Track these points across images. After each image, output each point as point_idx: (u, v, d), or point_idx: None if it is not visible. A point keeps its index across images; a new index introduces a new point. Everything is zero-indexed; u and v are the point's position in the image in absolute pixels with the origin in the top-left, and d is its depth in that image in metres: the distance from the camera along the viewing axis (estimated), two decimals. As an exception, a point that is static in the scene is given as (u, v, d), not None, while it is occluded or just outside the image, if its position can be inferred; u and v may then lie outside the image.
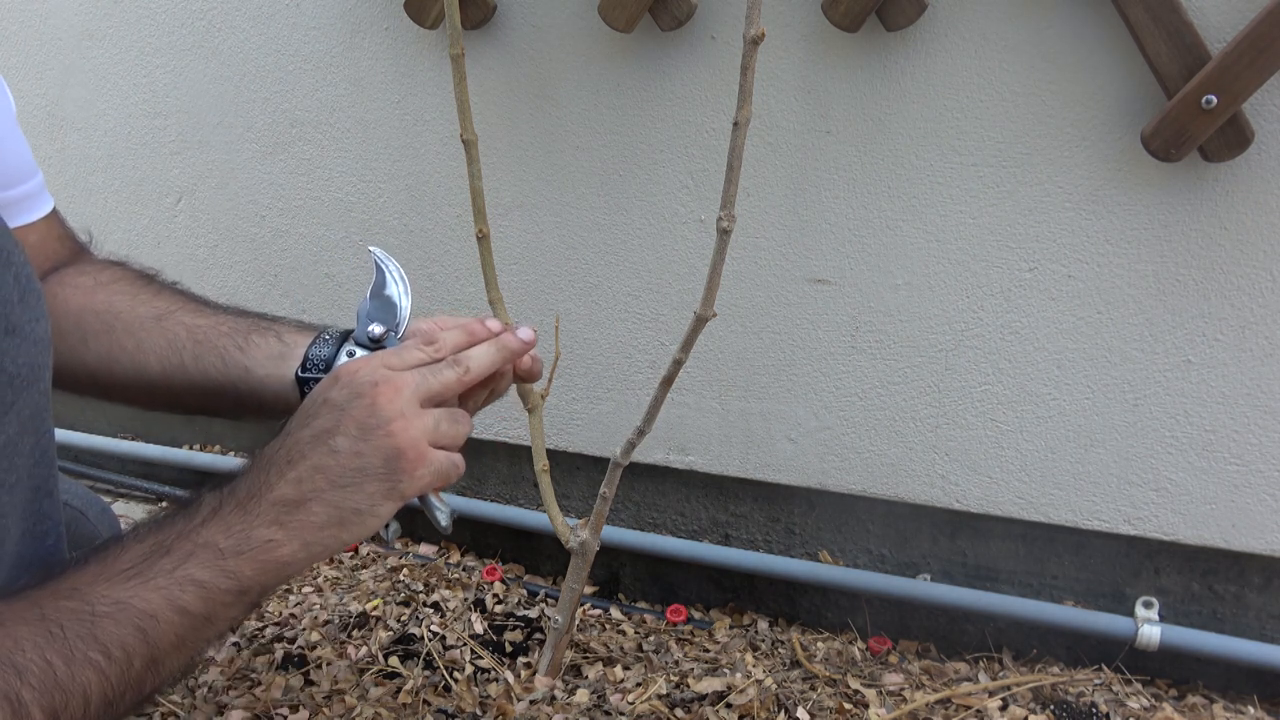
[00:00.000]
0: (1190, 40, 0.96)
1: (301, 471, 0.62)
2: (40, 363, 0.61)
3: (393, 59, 1.30)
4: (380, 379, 0.65)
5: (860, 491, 1.26)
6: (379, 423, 0.63)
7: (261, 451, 0.65)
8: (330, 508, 0.62)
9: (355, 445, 0.63)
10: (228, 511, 0.61)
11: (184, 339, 0.78)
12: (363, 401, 0.64)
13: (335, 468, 0.62)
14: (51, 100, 1.53)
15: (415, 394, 0.65)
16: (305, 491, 0.62)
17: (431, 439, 0.65)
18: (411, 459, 0.63)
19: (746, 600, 1.38)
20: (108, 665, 0.54)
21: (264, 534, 0.60)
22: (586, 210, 1.26)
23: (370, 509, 0.63)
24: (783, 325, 1.22)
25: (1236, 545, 1.13)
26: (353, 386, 0.65)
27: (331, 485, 0.62)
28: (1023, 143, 1.08)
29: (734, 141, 0.86)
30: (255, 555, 0.60)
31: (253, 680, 1.15)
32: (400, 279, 0.80)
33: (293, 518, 0.61)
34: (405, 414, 0.64)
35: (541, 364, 0.80)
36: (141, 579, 0.57)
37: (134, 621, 0.55)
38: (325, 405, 0.65)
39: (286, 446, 0.64)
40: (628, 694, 1.13)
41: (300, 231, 1.44)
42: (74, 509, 1.06)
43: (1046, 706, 1.14)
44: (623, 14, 1.13)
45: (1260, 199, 1.02)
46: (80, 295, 0.80)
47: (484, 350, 0.72)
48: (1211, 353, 1.08)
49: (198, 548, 0.59)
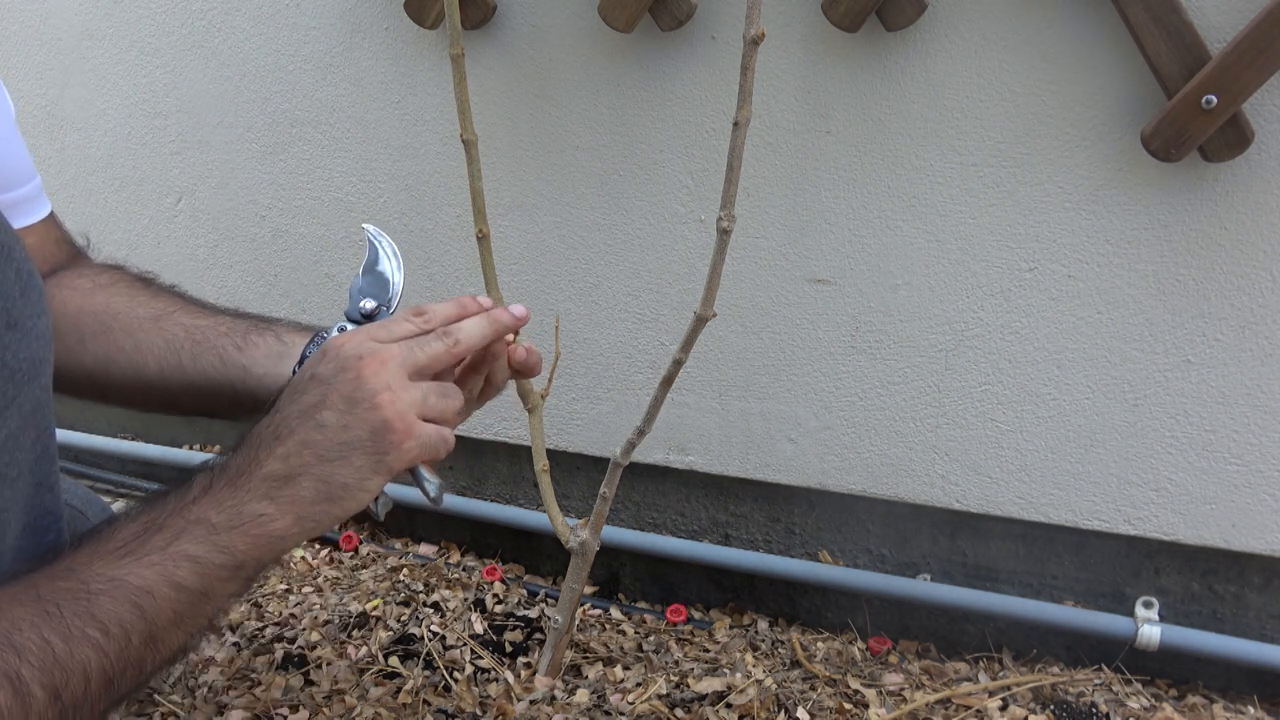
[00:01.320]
0: (1190, 40, 0.96)
1: (290, 447, 0.62)
2: (41, 357, 0.61)
3: (393, 59, 1.30)
4: (366, 352, 0.64)
5: (860, 491, 1.26)
6: (365, 395, 0.63)
7: (252, 429, 0.65)
8: (319, 482, 0.62)
9: (342, 419, 0.62)
10: (219, 489, 0.61)
11: (182, 339, 0.78)
12: (348, 375, 0.63)
13: (323, 442, 0.62)
14: (51, 100, 1.53)
15: (402, 366, 0.65)
16: (294, 466, 0.62)
17: (420, 411, 0.65)
18: (399, 431, 0.63)
19: (746, 600, 1.38)
20: (106, 642, 0.54)
21: (255, 508, 0.60)
22: (586, 210, 1.26)
23: (359, 483, 0.63)
24: (783, 325, 1.22)
25: (1236, 545, 1.13)
26: (339, 360, 0.64)
27: (319, 460, 0.62)
28: (1023, 143, 1.08)
29: (734, 141, 0.86)
30: (248, 529, 0.60)
31: (253, 680, 1.16)
32: (393, 255, 0.79)
33: (282, 492, 0.61)
34: (392, 386, 0.63)
35: (540, 358, 0.79)
36: (135, 556, 0.57)
37: (130, 598, 0.55)
38: (312, 380, 0.65)
39: (275, 423, 0.64)
40: (628, 694, 1.13)
41: (300, 231, 1.44)
42: (74, 509, 1.06)
43: (1046, 706, 1.14)
44: (623, 14, 1.13)
45: (1260, 199, 1.02)
46: (78, 297, 0.80)
47: (474, 323, 0.71)
48: (1211, 353, 1.08)
49: (190, 524, 0.59)
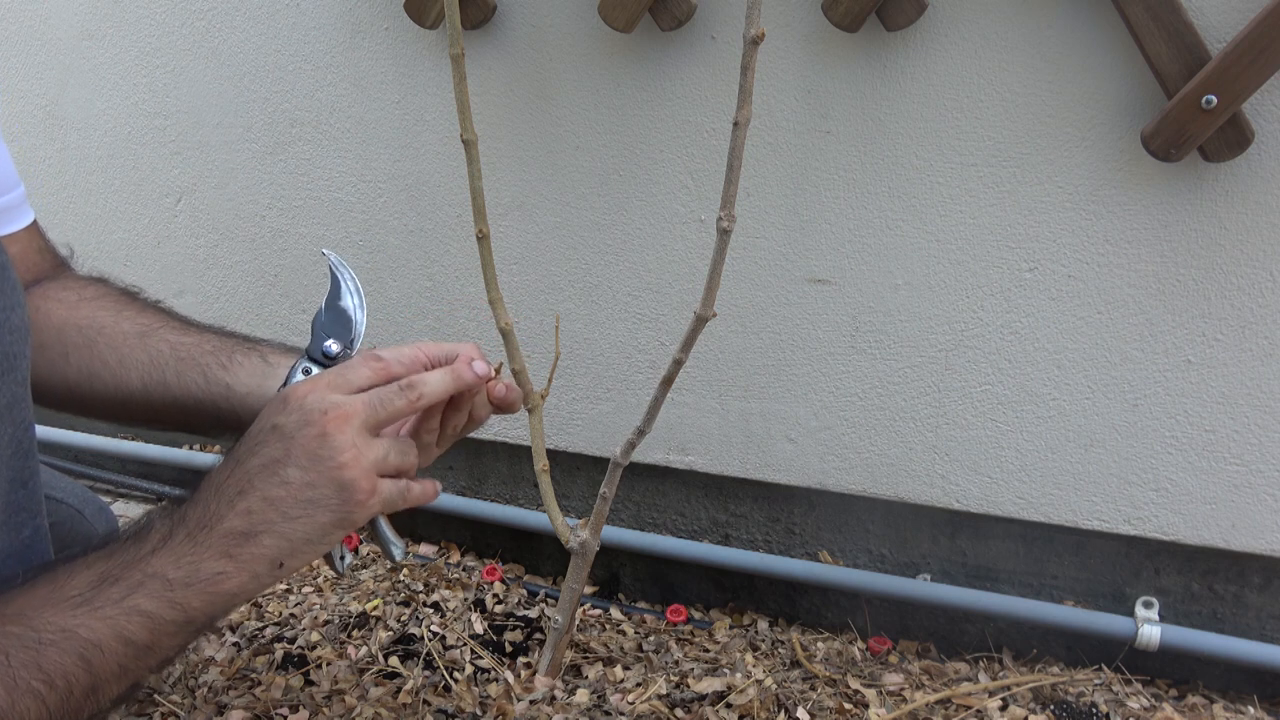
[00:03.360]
0: (1190, 40, 0.96)
1: (251, 502, 0.62)
2: (17, 351, 0.61)
3: (393, 59, 1.30)
4: (329, 406, 0.64)
5: (860, 491, 1.26)
6: (329, 454, 0.62)
7: (209, 476, 0.64)
8: (281, 539, 0.61)
9: (306, 475, 0.62)
10: (178, 541, 0.60)
11: (167, 355, 0.78)
12: (312, 430, 0.63)
13: (285, 499, 0.62)
14: (51, 100, 1.53)
15: (365, 423, 0.64)
16: (255, 523, 0.61)
17: (380, 469, 0.65)
18: (364, 490, 0.63)
19: (746, 600, 1.38)
20: (49, 694, 0.54)
21: (213, 566, 0.60)
22: (586, 210, 1.26)
23: (320, 538, 0.63)
24: (782, 325, 1.22)
25: (1236, 545, 1.13)
26: (302, 413, 0.64)
27: (283, 517, 0.61)
28: (1023, 143, 1.08)
29: (734, 141, 0.86)
30: (204, 587, 0.60)
31: (253, 680, 1.15)
32: (356, 290, 0.78)
33: (242, 549, 0.61)
34: (356, 444, 0.63)
35: (519, 395, 0.79)
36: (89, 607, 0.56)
37: (79, 650, 0.55)
38: (274, 432, 0.64)
39: (236, 476, 0.63)
40: (628, 694, 1.13)
41: (300, 231, 1.44)
42: (71, 507, 1.06)
43: (1046, 706, 1.14)
44: (623, 14, 1.13)
45: (1260, 199, 1.02)
46: (63, 309, 0.79)
47: (437, 377, 0.70)
48: (1211, 353, 1.08)
49: (147, 578, 0.58)
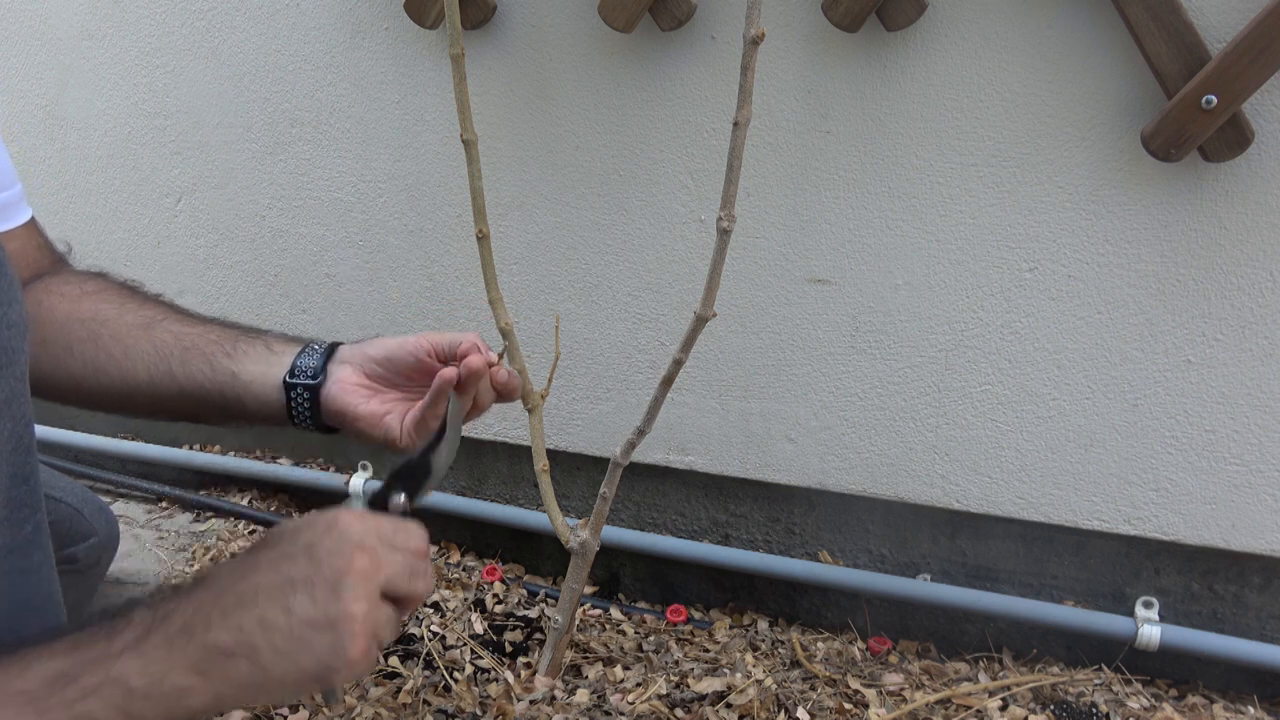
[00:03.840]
0: (1190, 40, 0.96)
1: (246, 620, 0.57)
2: (15, 346, 0.61)
3: (393, 59, 1.30)
4: (370, 548, 0.60)
5: (860, 491, 1.26)
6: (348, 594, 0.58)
7: (219, 569, 0.61)
8: (259, 670, 0.57)
9: (312, 612, 0.58)
10: (153, 644, 0.57)
11: (172, 346, 0.78)
12: (340, 562, 0.59)
13: (282, 629, 0.57)
14: (51, 100, 1.53)
15: (390, 581, 0.61)
16: (240, 644, 0.57)
17: (378, 637, 0.61)
18: (359, 648, 0.58)
19: (746, 600, 1.38)
20: None
21: (180, 680, 0.56)
22: (586, 210, 1.26)
23: (294, 684, 0.58)
24: (782, 325, 1.22)
25: (1236, 545, 1.13)
26: (342, 542, 0.60)
27: (269, 647, 0.57)
28: (1023, 143, 1.08)
29: (734, 141, 0.86)
30: (163, 701, 0.56)
31: (252, 680, 1.15)
32: (456, 448, 0.74)
33: (216, 668, 0.57)
34: (371, 599, 0.59)
35: (519, 383, 0.79)
36: (37, 706, 0.53)
37: None
38: (306, 551, 0.60)
39: (245, 585, 0.59)
40: (628, 694, 1.13)
41: (300, 231, 1.44)
42: (70, 506, 1.07)
43: (1046, 706, 1.14)
44: (623, 14, 1.13)
45: (1260, 199, 1.02)
46: (65, 303, 0.79)
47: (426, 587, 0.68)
48: (1211, 353, 1.08)
49: (107, 682, 0.55)
